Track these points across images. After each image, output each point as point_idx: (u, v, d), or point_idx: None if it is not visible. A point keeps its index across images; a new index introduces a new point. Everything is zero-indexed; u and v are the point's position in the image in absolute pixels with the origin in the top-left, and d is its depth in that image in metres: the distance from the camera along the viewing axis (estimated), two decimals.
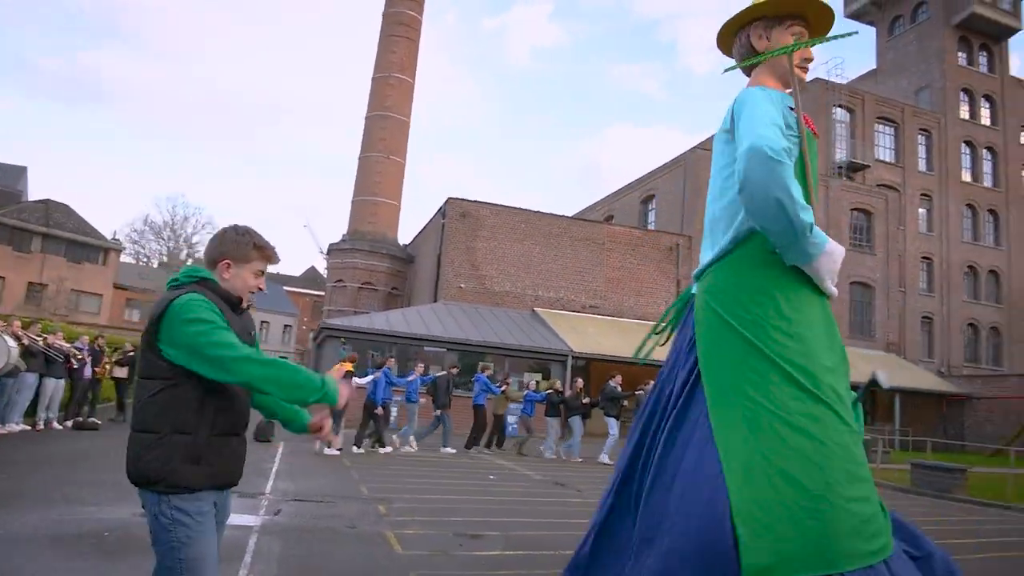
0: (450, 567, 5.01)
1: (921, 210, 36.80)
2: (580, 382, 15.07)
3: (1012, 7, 40.35)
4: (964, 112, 38.93)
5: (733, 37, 2.38)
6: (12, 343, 10.14)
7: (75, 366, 12.45)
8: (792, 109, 2.12)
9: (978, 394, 28.77)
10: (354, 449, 12.60)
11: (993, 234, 38.61)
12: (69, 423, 12.60)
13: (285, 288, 67.55)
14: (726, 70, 2.40)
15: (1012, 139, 39.74)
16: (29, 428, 11.40)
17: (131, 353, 14.70)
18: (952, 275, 36.59)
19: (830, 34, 2.30)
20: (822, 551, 1.74)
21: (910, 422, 26.67)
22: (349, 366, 12.45)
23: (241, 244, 2.26)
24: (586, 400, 14.65)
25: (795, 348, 1.93)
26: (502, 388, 15.28)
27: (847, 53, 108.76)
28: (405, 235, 37.44)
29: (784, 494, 1.77)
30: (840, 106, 35.75)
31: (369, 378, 13.24)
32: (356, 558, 5.08)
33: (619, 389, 14.49)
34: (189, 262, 51.02)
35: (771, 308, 1.99)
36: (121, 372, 14.49)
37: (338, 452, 11.96)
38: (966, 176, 38.41)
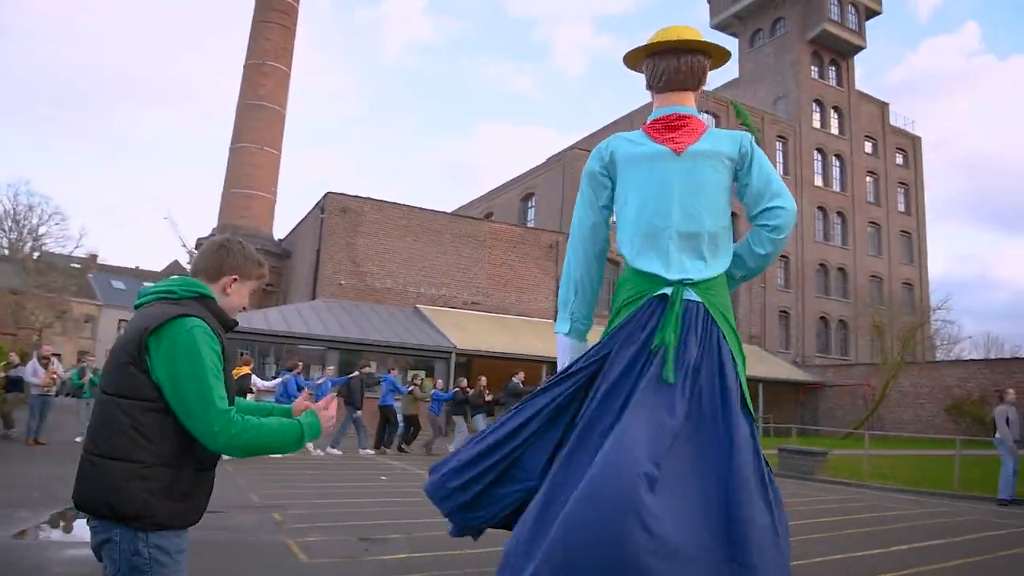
0: (362, 574, 4.89)
1: None
2: (484, 379, 15.10)
3: (858, 27, 43.97)
4: (816, 121, 42.05)
5: (677, 51, 2.38)
6: None
7: None
8: None
9: (830, 382, 31.23)
10: None
11: (841, 235, 41.95)
12: None
13: (146, 284, 63.21)
14: (741, 119, 2.46)
15: (857, 148, 43.31)
16: None
17: None
18: (806, 272, 39.45)
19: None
20: None
21: (770, 409, 28.55)
22: (246, 369, 12.10)
23: (249, 260, 2.11)
24: (489, 397, 14.74)
25: None
26: (410, 389, 15.24)
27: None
28: (280, 230, 36.15)
29: None
30: (706, 112, 37.69)
31: (277, 381, 12.86)
32: (262, 571, 4.86)
33: (522, 385, 14.65)
34: (36, 255, 46.94)
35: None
36: None
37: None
38: (818, 181, 41.52)
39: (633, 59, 2.51)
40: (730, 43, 45.99)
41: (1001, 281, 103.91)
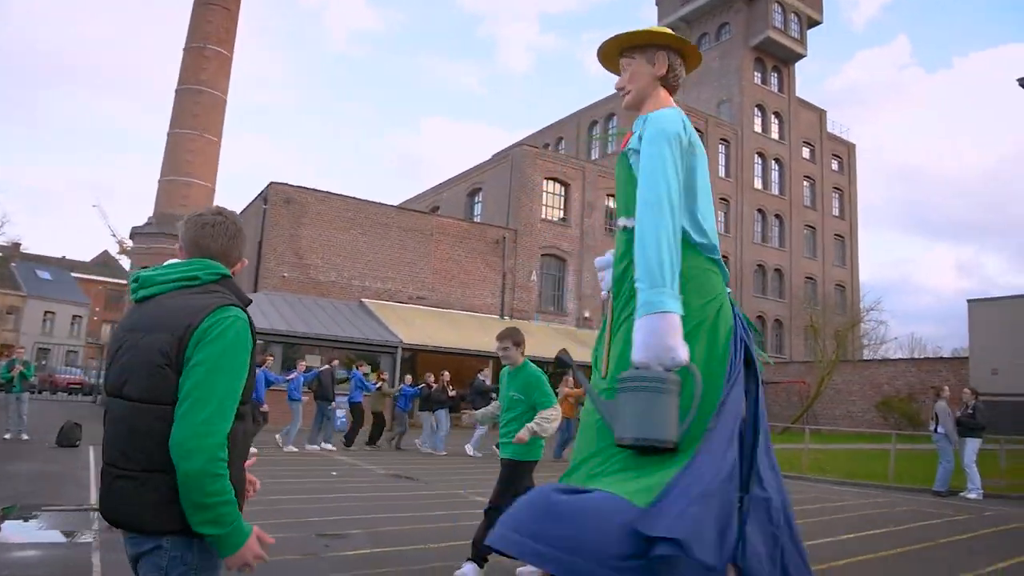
0: (326, 570, 4.78)
1: (720, 213, 40.31)
2: (447, 375, 14.96)
3: (800, 35, 45.28)
4: (757, 126, 43.12)
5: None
6: None
7: None
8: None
9: (767, 379, 32.08)
10: None
11: (778, 237, 43.14)
12: None
13: (74, 275, 60.84)
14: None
15: (796, 153, 44.60)
16: None
17: None
18: (744, 272, 40.45)
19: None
20: None
21: None
22: None
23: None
24: (453, 393, 14.64)
25: None
26: (377, 385, 15.14)
27: None
28: None
29: None
30: None
31: None
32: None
33: (488, 383, 14.61)
34: None
35: None
36: None
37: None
38: (758, 184, 42.60)
39: (649, 38, 2.45)
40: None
41: (923, 285, 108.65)
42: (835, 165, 47.64)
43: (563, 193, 31.58)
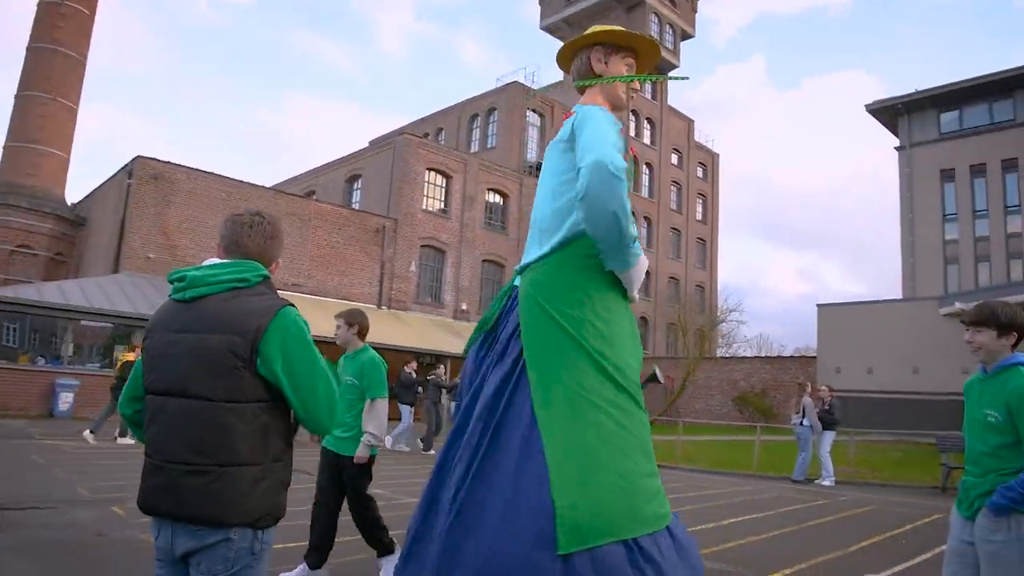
0: None
1: None
2: None
3: (674, 47, 47.44)
4: (631, 130, 44.83)
5: (573, 55, 2.65)
6: None
7: None
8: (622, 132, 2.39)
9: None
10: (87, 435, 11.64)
11: (646, 238, 45.12)
12: None
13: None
14: (577, 85, 2.62)
15: (665, 159, 46.77)
16: None
17: None
18: None
19: (648, 68, 2.69)
20: (622, 524, 1.91)
21: None
22: (132, 356, 11.62)
23: None
24: None
25: (607, 345, 2.11)
26: None
27: (542, 61, 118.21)
28: (73, 193, 32.52)
29: (596, 478, 1.93)
30: (533, 110, 39.04)
31: None
32: (127, 570, 4.46)
33: (414, 376, 14.44)
34: None
35: (588, 307, 2.14)
36: None
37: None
38: (629, 186, 44.27)
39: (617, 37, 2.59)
40: (558, 47, 47.73)
41: (768, 288, 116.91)
42: (700, 172, 50.36)
43: (444, 185, 31.60)
